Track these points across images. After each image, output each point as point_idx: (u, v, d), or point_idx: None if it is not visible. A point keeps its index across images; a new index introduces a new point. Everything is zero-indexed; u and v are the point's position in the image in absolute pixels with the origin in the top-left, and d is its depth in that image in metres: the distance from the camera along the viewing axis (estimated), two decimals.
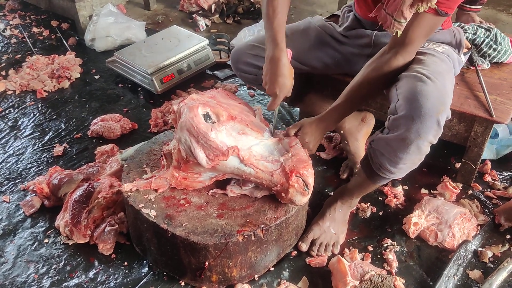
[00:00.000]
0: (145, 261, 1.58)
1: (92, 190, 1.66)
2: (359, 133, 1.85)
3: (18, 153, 2.10)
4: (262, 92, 2.43)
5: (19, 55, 2.88)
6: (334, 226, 1.62)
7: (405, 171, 1.41)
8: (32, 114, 2.36)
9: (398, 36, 1.35)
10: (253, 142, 1.45)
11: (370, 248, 1.63)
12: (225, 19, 3.31)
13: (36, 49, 2.95)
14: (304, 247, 1.60)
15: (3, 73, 2.69)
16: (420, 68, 1.37)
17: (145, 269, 1.56)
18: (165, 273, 1.54)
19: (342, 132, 1.84)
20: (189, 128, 1.38)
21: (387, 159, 1.38)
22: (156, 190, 1.50)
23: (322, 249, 1.59)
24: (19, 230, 1.71)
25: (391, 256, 1.57)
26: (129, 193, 1.49)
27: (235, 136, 1.42)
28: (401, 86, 1.36)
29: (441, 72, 1.39)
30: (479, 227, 1.68)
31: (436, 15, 1.33)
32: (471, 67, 1.89)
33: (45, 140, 2.18)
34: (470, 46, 1.89)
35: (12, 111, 2.39)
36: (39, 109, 2.40)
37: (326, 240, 1.60)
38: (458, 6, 2.15)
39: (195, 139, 1.37)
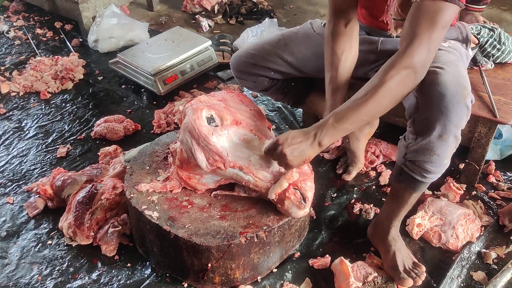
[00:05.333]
0: (148, 263, 1.58)
1: (95, 191, 1.67)
2: (361, 133, 1.84)
3: (21, 154, 2.10)
4: None
5: (23, 57, 2.89)
6: (404, 251, 1.54)
7: (448, 164, 1.37)
8: (35, 116, 2.37)
9: (399, 33, 1.32)
10: (253, 152, 1.42)
11: (373, 249, 1.62)
12: (228, 19, 3.31)
13: (40, 51, 2.95)
14: (410, 283, 1.47)
15: (7, 74, 2.70)
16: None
17: (148, 271, 1.56)
18: (168, 274, 1.54)
19: None
20: (191, 130, 1.38)
21: (429, 163, 1.33)
22: (171, 191, 1.51)
23: (411, 269, 1.51)
24: (23, 232, 1.72)
25: None
26: (131, 195, 1.49)
27: (236, 142, 1.41)
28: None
29: (451, 61, 1.37)
30: (483, 228, 1.67)
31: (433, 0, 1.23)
32: (475, 67, 1.88)
33: (49, 141, 2.19)
34: (477, 41, 1.88)
35: (16, 112, 2.40)
36: (43, 110, 2.41)
37: (407, 260, 1.52)
38: None
39: (196, 141, 1.37)
